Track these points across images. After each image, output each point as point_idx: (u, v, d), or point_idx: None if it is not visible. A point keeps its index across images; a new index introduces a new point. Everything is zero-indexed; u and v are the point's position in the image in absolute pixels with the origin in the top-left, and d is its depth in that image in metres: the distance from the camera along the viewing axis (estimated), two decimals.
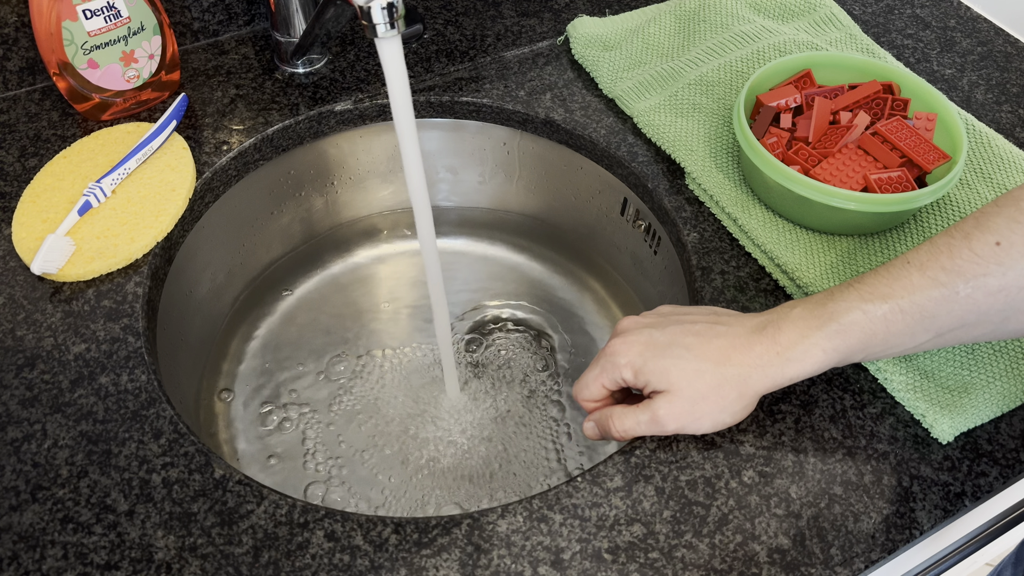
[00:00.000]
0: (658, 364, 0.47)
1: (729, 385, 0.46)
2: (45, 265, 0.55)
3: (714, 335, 0.47)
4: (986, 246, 0.42)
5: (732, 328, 0.47)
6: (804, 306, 0.46)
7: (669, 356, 0.47)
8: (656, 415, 0.47)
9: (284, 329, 0.72)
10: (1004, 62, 0.78)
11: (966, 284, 0.43)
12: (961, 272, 0.43)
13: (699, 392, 0.46)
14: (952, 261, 0.43)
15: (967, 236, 0.43)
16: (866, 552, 0.45)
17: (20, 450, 0.48)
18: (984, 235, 0.42)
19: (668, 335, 0.48)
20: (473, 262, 0.79)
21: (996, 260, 0.42)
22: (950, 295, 0.43)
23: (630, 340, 0.49)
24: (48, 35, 0.61)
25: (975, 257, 0.42)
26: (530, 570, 0.44)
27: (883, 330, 0.44)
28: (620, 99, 0.71)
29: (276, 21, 0.70)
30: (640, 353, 0.48)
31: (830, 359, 0.45)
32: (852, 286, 0.46)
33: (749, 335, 0.46)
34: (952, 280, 0.43)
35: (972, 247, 0.42)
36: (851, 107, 0.63)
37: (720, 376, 0.46)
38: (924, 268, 0.44)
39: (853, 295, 0.45)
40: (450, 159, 0.78)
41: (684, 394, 0.46)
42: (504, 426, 0.67)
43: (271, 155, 0.70)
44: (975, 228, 0.43)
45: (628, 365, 0.48)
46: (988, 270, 0.42)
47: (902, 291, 0.44)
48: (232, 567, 0.44)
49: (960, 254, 0.43)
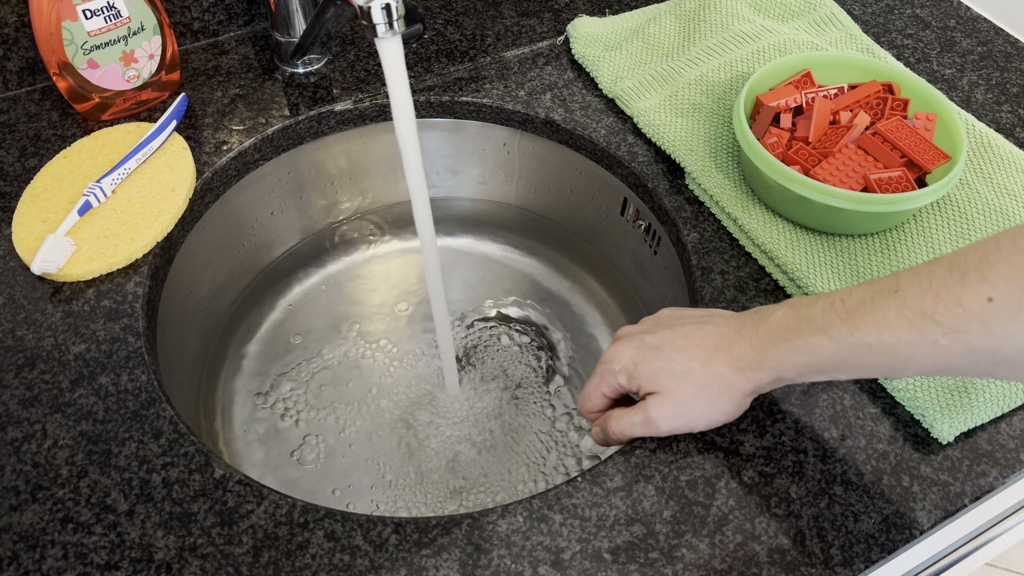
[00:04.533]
0: (648, 367, 0.47)
1: (717, 385, 0.46)
2: (45, 265, 0.55)
3: (701, 336, 0.47)
4: (976, 299, 0.36)
5: (718, 328, 0.47)
6: (785, 312, 0.45)
7: (659, 359, 0.47)
8: (648, 416, 0.47)
9: (284, 329, 0.72)
10: (1004, 62, 0.78)
11: (945, 336, 0.38)
12: (941, 322, 0.37)
13: (688, 393, 0.46)
14: (936, 307, 0.38)
15: (963, 279, 0.37)
16: (866, 552, 0.45)
17: (20, 450, 0.48)
18: (979, 285, 0.36)
19: (658, 339, 0.48)
20: (473, 261, 0.79)
21: (982, 318, 0.36)
22: (925, 342, 0.38)
23: (623, 346, 0.50)
24: (48, 35, 0.61)
25: (960, 310, 0.37)
26: (530, 570, 0.44)
27: (851, 359, 0.41)
28: (620, 99, 0.71)
29: (276, 21, 0.70)
30: (632, 358, 0.48)
31: (801, 373, 0.44)
32: (835, 302, 0.42)
33: (733, 335, 0.46)
34: (929, 328, 0.38)
35: (961, 296, 0.37)
36: (851, 107, 0.63)
37: (708, 376, 0.46)
38: (904, 305, 0.39)
39: (831, 315, 0.42)
40: (450, 159, 0.78)
41: (674, 395, 0.47)
42: (504, 425, 0.67)
43: (271, 155, 0.70)
44: (974, 272, 0.37)
45: (622, 370, 0.49)
46: (970, 328, 0.37)
47: (872, 326, 0.40)
48: (232, 567, 0.44)
49: (946, 300, 0.37)
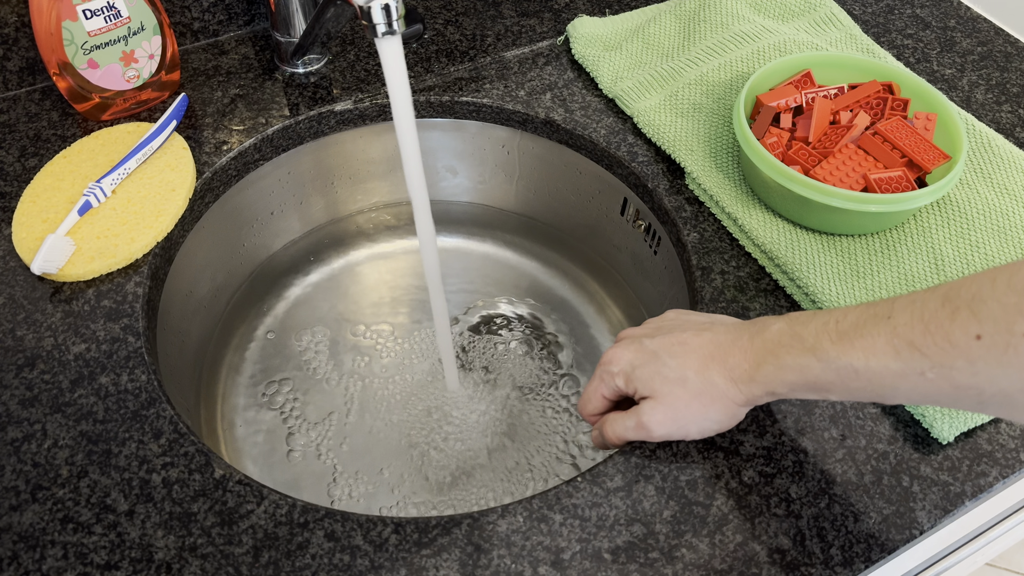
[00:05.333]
0: (644, 371, 0.47)
1: (710, 394, 0.46)
2: (45, 265, 0.55)
3: (699, 344, 0.47)
4: (965, 335, 0.36)
5: (716, 336, 0.47)
6: (780, 327, 0.44)
7: (655, 364, 0.47)
8: (641, 420, 0.47)
9: (284, 329, 0.72)
10: (1004, 62, 0.78)
11: (932, 369, 0.37)
12: (928, 356, 0.37)
13: (681, 400, 0.46)
14: (924, 339, 0.37)
15: (954, 313, 0.36)
16: (866, 552, 0.45)
17: (20, 450, 0.48)
18: (968, 322, 0.35)
19: (657, 343, 0.48)
20: (473, 261, 0.79)
21: (967, 356, 0.36)
22: (912, 373, 0.38)
23: (622, 349, 0.50)
24: (48, 35, 0.61)
25: (947, 344, 0.36)
26: (530, 570, 0.44)
27: (839, 383, 0.41)
28: (620, 99, 0.71)
29: (276, 21, 0.70)
30: (630, 361, 0.48)
31: (792, 389, 0.43)
32: (829, 322, 0.42)
33: (729, 345, 0.46)
34: (916, 360, 0.37)
35: (951, 331, 0.36)
36: (851, 107, 0.63)
37: (702, 384, 0.46)
38: (895, 333, 0.38)
39: (822, 336, 0.41)
40: (450, 159, 0.78)
41: (667, 401, 0.47)
42: (503, 424, 0.67)
43: (271, 155, 0.70)
44: (966, 306, 0.36)
45: (620, 373, 0.49)
46: (956, 364, 0.36)
47: (861, 351, 0.39)
48: (232, 567, 0.44)
49: (935, 334, 0.37)
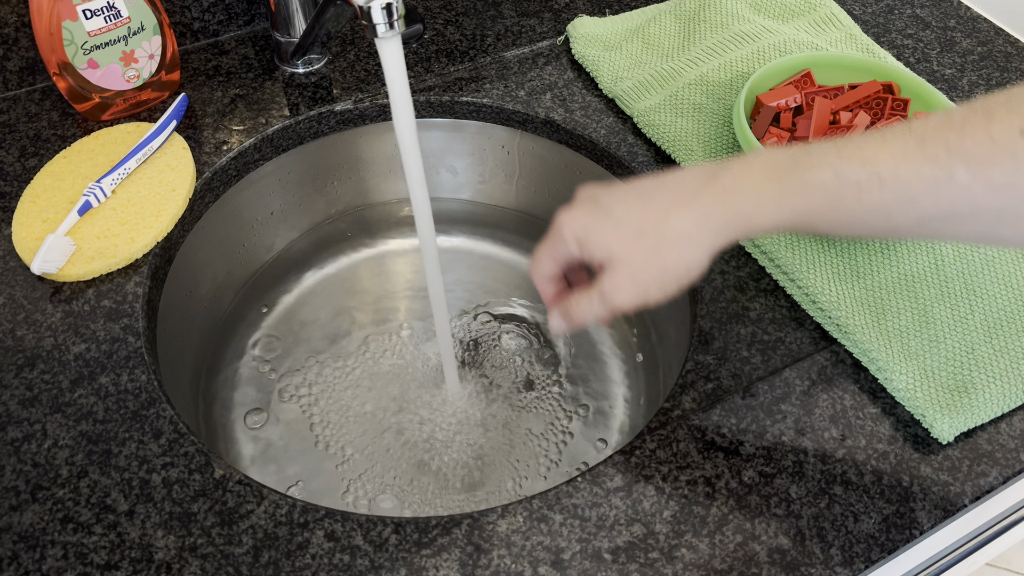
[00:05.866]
0: (599, 233, 0.42)
1: (669, 245, 0.41)
2: (45, 265, 0.55)
3: (659, 189, 0.42)
4: (1008, 131, 0.35)
5: (679, 179, 0.42)
6: (771, 155, 0.40)
7: (610, 223, 0.42)
8: (603, 292, 0.43)
9: (284, 328, 0.72)
10: (1004, 62, 0.78)
11: (967, 170, 0.36)
12: (966, 154, 0.35)
13: (639, 259, 0.41)
14: (961, 140, 0.35)
15: (989, 114, 0.35)
16: (866, 552, 0.45)
17: (20, 450, 0.48)
18: (1011, 117, 0.35)
19: (614, 198, 0.43)
20: (473, 261, 0.79)
21: (1012, 151, 0.34)
22: (944, 178, 0.36)
23: (575, 210, 0.44)
24: (48, 35, 0.61)
25: (989, 141, 0.35)
26: (530, 570, 0.44)
27: (853, 199, 0.38)
28: (620, 99, 0.71)
29: (276, 21, 0.70)
30: (583, 223, 0.43)
31: (787, 218, 0.40)
32: (836, 141, 0.39)
33: (696, 185, 0.41)
34: (952, 162, 0.36)
35: (991, 128, 0.35)
36: (851, 107, 0.63)
37: (659, 236, 0.41)
38: (924, 140, 0.37)
39: (831, 151, 0.39)
40: (450, 159, 0.78)
41: (624, 262, 0.42)
42: (503, 424, 0.67)
43: (271, 155, 0.70)
44: (1002, 107, 0.35)
45: (572, 237, 0.43)
46: (999, 160, 0.35)
47: (888, 158, 0.37)
48: (232, 567, 0.44)
49: (973, 133, 0.35)
